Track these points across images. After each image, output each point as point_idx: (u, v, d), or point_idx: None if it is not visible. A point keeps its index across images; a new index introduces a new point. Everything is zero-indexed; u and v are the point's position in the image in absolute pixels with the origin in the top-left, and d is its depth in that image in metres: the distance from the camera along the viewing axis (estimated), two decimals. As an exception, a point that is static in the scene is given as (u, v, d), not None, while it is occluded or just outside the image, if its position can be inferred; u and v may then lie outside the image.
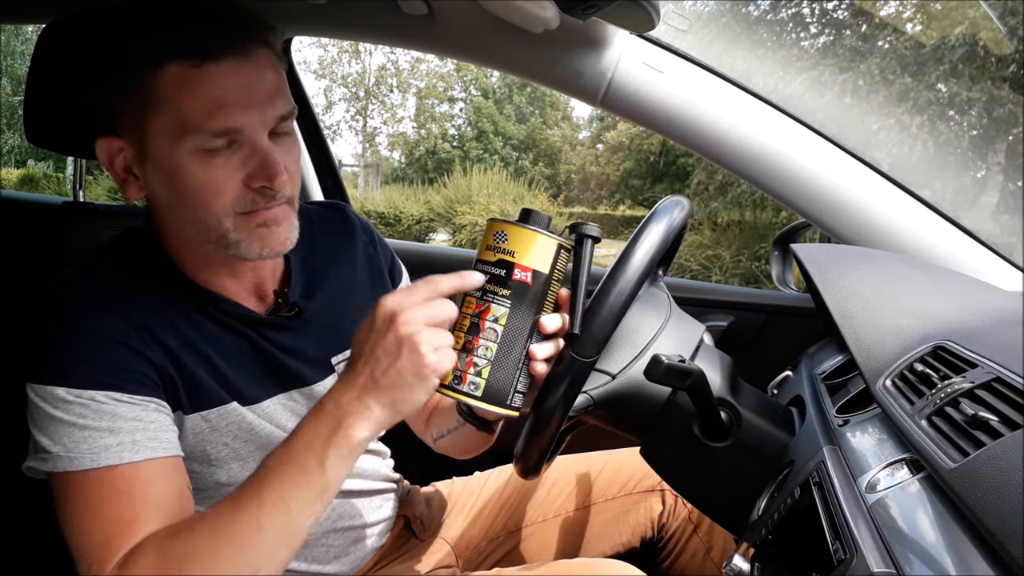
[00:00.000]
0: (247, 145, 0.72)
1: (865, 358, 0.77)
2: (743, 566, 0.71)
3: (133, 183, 0.76)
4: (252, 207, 0.74)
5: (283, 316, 0.85)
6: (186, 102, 0.69)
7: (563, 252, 0.70)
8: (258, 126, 0.72)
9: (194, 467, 0.80)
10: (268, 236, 0.75)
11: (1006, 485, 0.47)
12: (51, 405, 0.69)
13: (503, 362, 0.68)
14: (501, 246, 0.68)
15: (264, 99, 0.72)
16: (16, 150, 14.59)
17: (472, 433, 0.87)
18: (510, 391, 0.69)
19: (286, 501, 0.63)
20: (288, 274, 0.88)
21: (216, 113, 0.69)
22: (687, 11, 1.13)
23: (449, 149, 20.65)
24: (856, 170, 1.15)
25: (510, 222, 0.69)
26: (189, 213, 0.73)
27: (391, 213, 12.70)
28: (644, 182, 16.58)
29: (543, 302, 0.70)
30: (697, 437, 0.85)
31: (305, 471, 0.64)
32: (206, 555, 0.63)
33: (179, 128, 0.70)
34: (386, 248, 1.02)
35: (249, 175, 0.72)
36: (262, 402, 0.83)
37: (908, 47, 8.66)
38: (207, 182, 0.71)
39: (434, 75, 20.86)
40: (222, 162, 0.71)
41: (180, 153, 0.70)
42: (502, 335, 0.68)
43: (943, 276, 1.01)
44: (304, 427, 0.65)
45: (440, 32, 1.17)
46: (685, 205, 0.83)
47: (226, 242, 0.75)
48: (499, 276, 0.68)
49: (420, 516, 1.08)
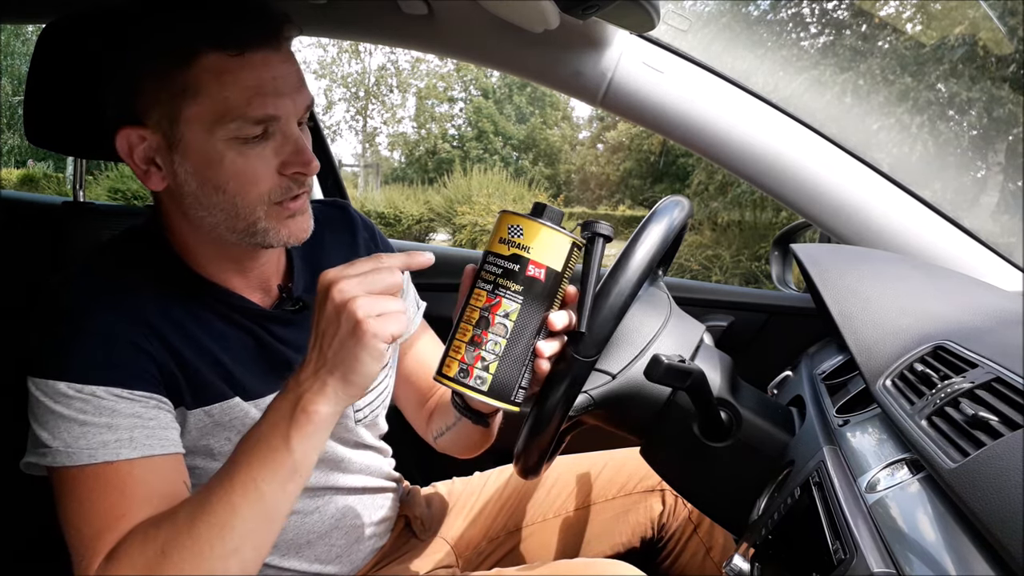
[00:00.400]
0: (279, 134, 0.74)
1: (865, 358, 0.77)
2: (743, 566, 0.71)
3: (155, 173, 0.76)
4: (285, 195, 0.76)
5: (287, 310, 0.86)
6: (226, 90, 0.70)
7: (575, 250, 0.70)
8: (291, 115, 0.74)
9: (197, 462, 0.80)
10: (295, 225, 0.78)
11: (1006, 485, 0.47)
12: (52, 399, 0.70)
13: (511, 358, 0.68)
14: (516, 240, 0.68)
15: (294, 89, 0.74)
16: (16, 150, 14.59)
17: (470, 429, 0.87)
18: (515, 387, 0.69)
19: (257, 481, 0.64)
20: (291, 269, 0.89)
21: (254, 100, 0.71)
22: (687, 11, 1.13)
23: (449, 149, 20.65)
24: (856, 170, 1.15)
25: (526, 216, 0.68)
26: (223, 201, 0.74)
27: (391, 213, 12.70)
28: (644, 182, 16.59)
29: (553, 299, 0.70)
30: (697, 437, 0.85)
31: (272, 450, 0.64)
32: (185, 538, 0.63)
33: (217, 116, 0.71)
34: (388, 246, 1.03)
35: (283, 162, 0.74)
36: (265, 396, 0.83)
37: (908, 47, 8.66)
38: (244, 170, 0.73)
39: (434, 75, 20.86)
40: (258, 151, 0.73)
41: (217, 141, 0.71)
42: (512, 331, 0.67)
43: (943, 276, 1.01)
44: (269, 410, 0.66)
45: (440, 32, 1.17)
46: (685, 205, 0.83)
47: (254, 230, 0.76)
48: (512, 271, 0.67)
49: (420, 516, 1.08)
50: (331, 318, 0.63)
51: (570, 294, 0.72)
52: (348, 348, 0.62)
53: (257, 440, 0.65)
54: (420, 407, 1.03)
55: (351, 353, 0.62)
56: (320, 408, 0.64)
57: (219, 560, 0.64)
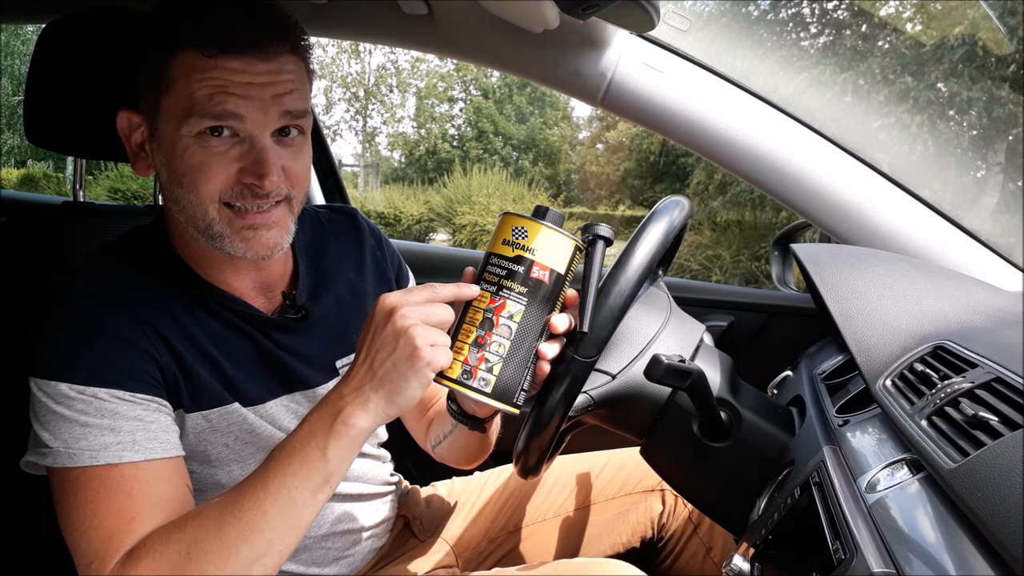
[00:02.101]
0: (248, 141, 0.73)
1: (865, 358, 0.77)
2: (743, 566, 0.71)
3: (143, 159, 0.79)
4: (239, 200, 0.74)
5: (289, 318, 0.86)
6: (193, 87, 0.71)
7: (578, 253, 0.70)
8: (261, 122, 0.73)
9: (194, 467, 0.80)
10: (254, 239, 0.76)
11: (1006, 485, 0.47)
12: (53, 400, 0.70)
13: (515, 359, 0.68)
14: (520, 242, 0.68)
15: (272, 98, 0.73)
16: (16, 150, 14.58)
17: (467, 436, 0.87)
18: (518, 389, 0.69)
19: (290, 488, 0.65)
20: (296, 276, 0.89)
21: (216, 97, 0.71)
22: (687, 11, 1.13)
23: (449, 149, 20.64)
24: (856, 170, 1.15)
25: (529, 218, 0.69)
26: (182, 196, 0.75)
27: (391, 213, 12.70)
28: (644, 182, 16.57)
29: (556, 302, 0.70)
30: (697, 437, 0.85)
31: (307, 459, 0.65)
32: (212, 540, 0.64)
33: (184, 111, 0.72)
34: (394, 253, 1.03)
35: (242, 169, 0.74)
36: (265, 403, 0.83)
37: (908, 47, 8.66)
38: (200, 164, 0.73)
39: (434, 75, 20.85)
40: (220, 149, 0.73)
41: (183, 135, 0.73)
42: (516, 332, 0.68)
43: (943, 276, 1.01)
44: (308, 419, 0.67)
45: (440, 32, 1.17)
46: (685, 205, 0.83)
47: (211, 233, 0.76)
48: (516, 272, 0.68)
49: (420, 516, 1.08)
50: (388, 339, 0.64)
51: (570, 297, 0.72)
52: (401, 370, 0.64)
53: (292, 449, 0.66)
54: (420, 416, 1.03)
55: (403, 375, 0.64)
56: (359, 422, 0.65)
57: (244, 564, 0.64)
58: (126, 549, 0.66)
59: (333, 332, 0.89)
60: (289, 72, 0.75)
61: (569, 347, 0.71)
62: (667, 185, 14.94)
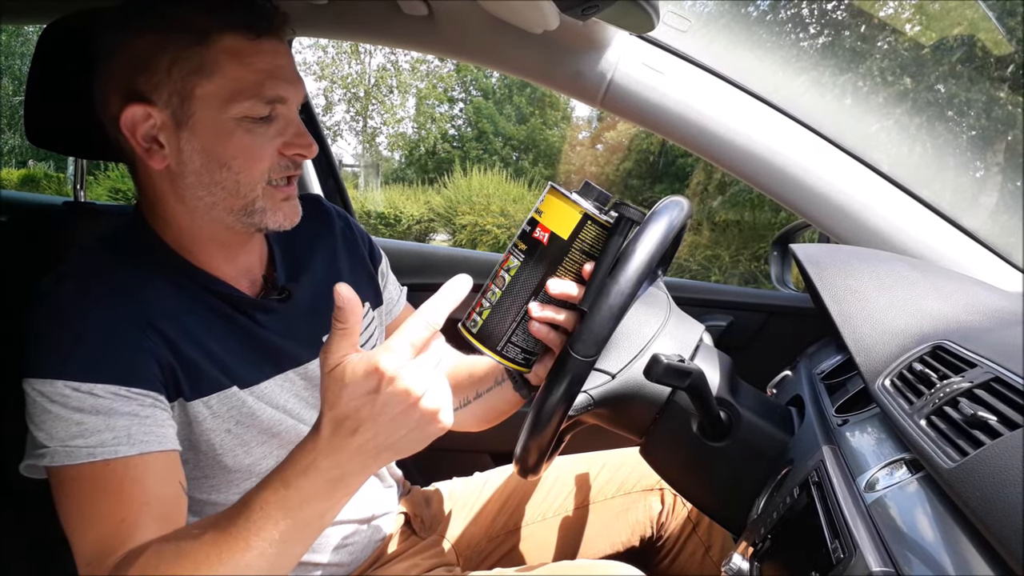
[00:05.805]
0: (282, 117, 0.79)
1: (864, 358, 0.77)
2: (742, 565, 0.71)
3: (157, 152, 0.78)
4: (283, 174, 0.80)
5: (273, 299, 0.88)
6: (242, 70, 0.75)
7: (592, 224, 0.73)
8: (295, 101, 0.80)
9: (199, 454, 0.80)
10: (289, 208, 0.82)
11: (1005, 485, 0.47)
12: (48, 399, 0.70)
13: (501, 309, 0.75)
14: (539, 207, 0.74)
15: (296, 79, 0.80)
16: (16, 150, 14.57)
17: (504, 395, 0.93)
18: (502, 338, 0.75)
19: (278, 544, 0.61)
20: (272, 259, 0.91)
21: (267, 83, 0.76)
22: (687, 11, 1.13)
23: (449, 149, 20.63)
24: (855, 170, 1.15)
25: (559, 189, 0.74)
26: (226, 178, 0.77)
27: (391, 213, 12.68)
28: (644, 182, 16.56)
29: (556, 266, 0.73)
30: (696, 437, 0.85)
31: (303, 525, 0.62)
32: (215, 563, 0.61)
33: (232, 94, 0.75)
34: (362, 232, 1.06)
35: (285, 143, 0.79)
36: (260, 383, 0.84)
37: (907, 48, 8.66)
38: (251, 146, 0.77)
39: (434, 75, 20.84)
40: (263, 130, 0.77)
41: (228, 119, 0.75)
42: (507, 284, 0.74)
43: (942, 276, 1.01)
44: (300, 485, 0.61)
45: (440, 33, 1.17)
46: (685, 205, 0.83)
47: (251, 209, 0.79)
48: (524, 231, 0.74)
49: (420, 515, 1.08)
50: (402, 404, 0.59)
51: (586, 271, 0.75)
52: (421, 429, 0.61)
53: (284, 512, 0.61)
54: None
55: (424, 433, 0.62)
56: (362, 481, 0.64)
57: None
58: (119, 555, 0.66)
59: (315, 310, 0.91)
60: (293, 57, 0.82)
61: (569, 346, 0.71)
62: (666, 185, 14.93)
